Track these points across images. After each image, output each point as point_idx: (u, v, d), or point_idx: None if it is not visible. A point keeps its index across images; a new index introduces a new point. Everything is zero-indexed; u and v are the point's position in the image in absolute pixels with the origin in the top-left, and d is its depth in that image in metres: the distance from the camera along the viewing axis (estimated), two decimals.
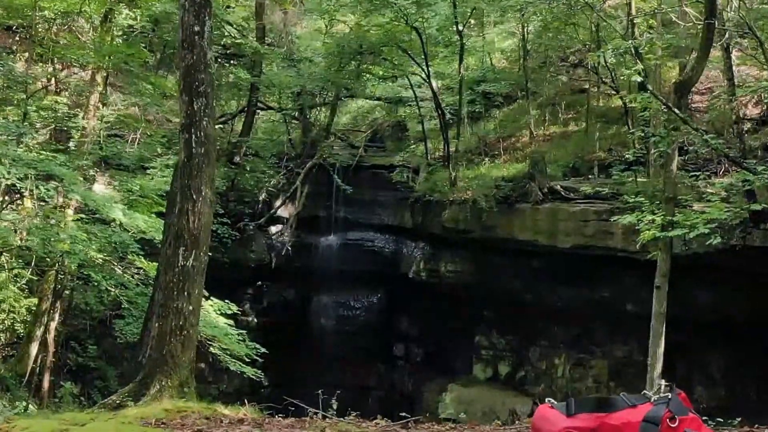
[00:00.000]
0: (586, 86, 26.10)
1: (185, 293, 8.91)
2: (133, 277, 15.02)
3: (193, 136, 9.23)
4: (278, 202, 23.32)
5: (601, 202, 18.74)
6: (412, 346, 24.41)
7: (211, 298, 13.62)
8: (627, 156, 19.78)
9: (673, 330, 13.93)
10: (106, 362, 19.72)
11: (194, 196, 9.06)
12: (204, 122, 9.33)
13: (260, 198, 22.67)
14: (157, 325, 9.53)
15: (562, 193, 19.49)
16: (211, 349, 12.37)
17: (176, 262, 8.98)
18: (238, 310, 14.12)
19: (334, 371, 23.16)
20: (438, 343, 23.69)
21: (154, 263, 13.06)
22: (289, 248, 23.05)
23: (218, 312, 13.53)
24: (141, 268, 14.92)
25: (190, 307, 8.89)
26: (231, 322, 13.39)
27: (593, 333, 20.51)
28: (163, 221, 12.64)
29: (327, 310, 24.66)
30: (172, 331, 8.79)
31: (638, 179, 17.92)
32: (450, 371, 22.87)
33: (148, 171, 17.00)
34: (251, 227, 22.30)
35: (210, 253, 9.80)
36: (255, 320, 23.83)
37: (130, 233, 14.35)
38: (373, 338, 24.19)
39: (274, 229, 24.24)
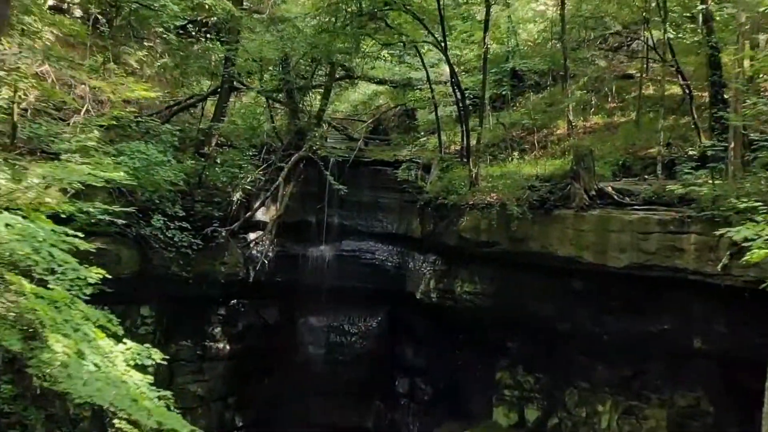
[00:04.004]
0: (631, 71, 22.71)
1: None
2: None
3: None
4: (257, 204, 19.46)
5: (666, 210, 15.30)
6: (419, 381, 21.58)
7: (126, 340, 9.71)
8: (693, 152, 16.49)
9: None
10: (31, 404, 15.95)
11: None
12: None
13: (234, 198, 19.07)
14: None
15: (615, 196, 15.98)
16: (116, 423, 8.55)
17: None
18: (163, 360, 9.99)
19: (324, 410, 21.03)
20: (450, 378, 20.69)
21: None
22: (266, 261, 19.42)
23: (131, 362, 9.62)
24: None
25: None
26: (150, 378, 9.37)
27: (649, 375, 17.03)
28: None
29: (316, 336, 21.71)
30: None
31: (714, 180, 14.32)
32: (464, 414, 20.04)
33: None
34: (222, 234, 18.49)
35: None
36: (227, 347, 20.79)
37: None
38: (372, 370, 21.52)
39: (252, 236, 20.76)
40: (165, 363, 18.37)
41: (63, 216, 12.50)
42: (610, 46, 25.47)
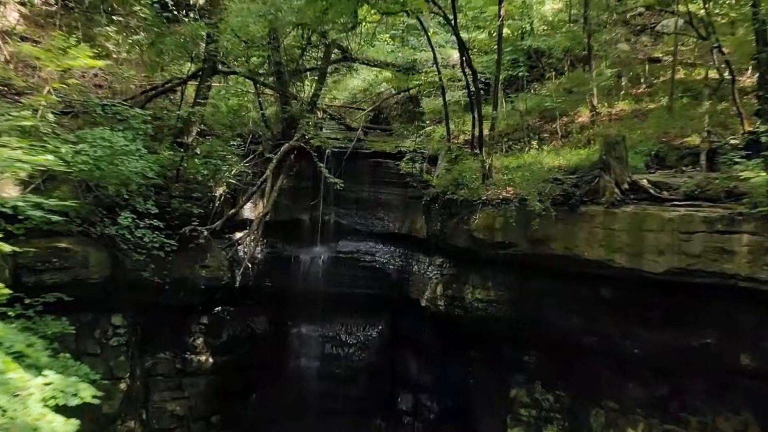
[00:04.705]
0: (658, 54, 20.76)
1: None
2: None
3: None
4: (243, 200, 17.50)
5: (711, 206, 13.29)
6: (424, 397, 19.87)
7: (47, 372, 7.58)
8: (735, 140, 14.62)
9: None
10: None
11: None
12: None
13: (217, 193, 16.99)
14: None
15: (651, 190, 14.01)
16: None
17: None
18: (94, 398, 7.80)
19: (319, 430, 19.33)
20: (459, 395, 18.86)
21: None
22: (251, 264, 17.46)
23: (51, 402, 7.47)
24: None
25: None
26: (75, 424, 7.19)
27: (688, 395, 14.97)
28: None
29: (310, 347, 20.11)
30: None
31: None
32: None
33: None
34: (203, 234, 16.47)
35: None
36: (210, 360, 19.03)
37: None
38: (371, 386, 20.03)
39: (239, 236, 18.90)
40: (139, 382, 16.62)
41: (9, 212, 10.74)
42: (633, 28, 23.56)
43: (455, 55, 24.30)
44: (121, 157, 13.96)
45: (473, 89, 16.29)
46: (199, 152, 17.31)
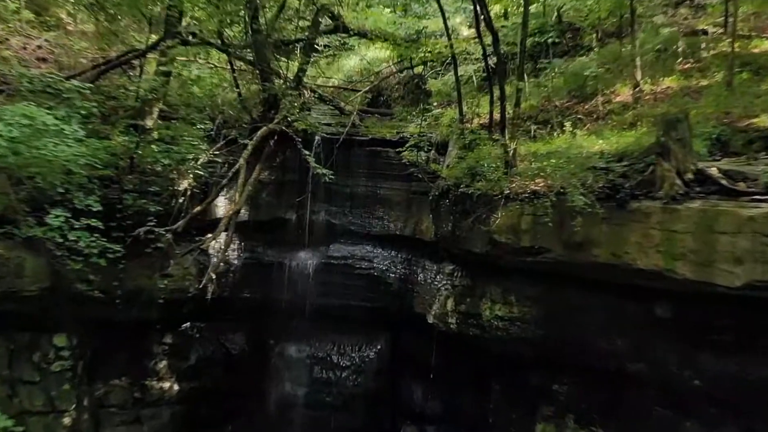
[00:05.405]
0: (703, 26, 18.24)
1: None
2: None
3: None
4: (213, 195, 14.72)
5: None
6: (431, 430, 17.19)
7: None
8: None
9: None
10: None
11: None
12: None
13: (181, 188, 14.16)
14: None
15: (724, 182, 11.07)
16: None
17: None
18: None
19: None
20: (473, 428, 16.12)
21: None
22: (213, 275, 15.00)
23: None
24: None
25: None
26: None
27: None
28: None
29: (296, 370, 17.66)
30: None
31: None
32: None
33: None
34: (163, 236, 13.66)
35: None
36: (175, 387, 16.57)
37: None
38: (369, 415, 17.65)
39: (215, 240, 15.89)
40: (87, 414, 14.32)
41: None
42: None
43: (465, 32, 21.60)
44: (49, 140, 11.10)
45: (494, 59, 13.38)
46: (159, 138, 14.45)
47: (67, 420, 14.52)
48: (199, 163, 14.64)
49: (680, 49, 17.21)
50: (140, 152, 13.99)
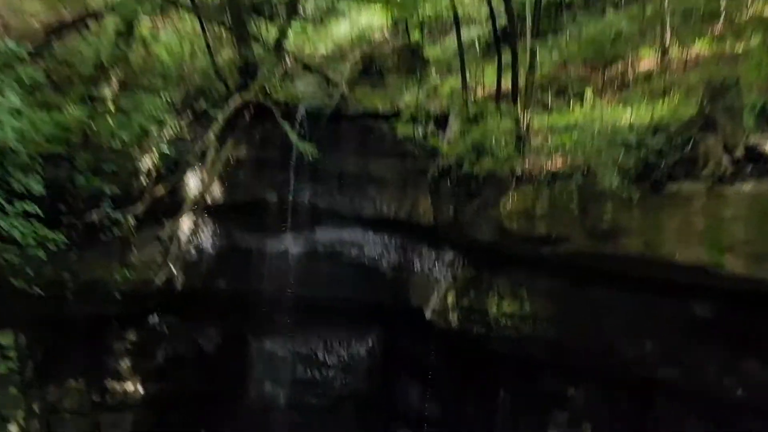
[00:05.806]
0: None
1: None
2: None
3: None
4: (178, 174, 13.11)
5: None
6: None
7: None
8: None
9: None
10: None
11: None
12: None
13: (143, 167, 12.45)
14: None
15: None
16: None
17: None
18: None
19: None
20: None
21: None
22: (172, 265, 13.53)
23: None
24: None
25: None
26: None
27: None
28: None
29: (277, 368, 16.36)
30: None
31: None
32: None
33: None
34: (121, 221, 12.00)
35: None
36: (140, 389, 15.21)
37: None
38: (359, 419, 16.54)
39: (185, 224, 14.72)
40: (38, 421, 12.81)
41: None
42: None
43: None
44: None
45: (509, 13, 11.67)
46: (118, 109, 12.77)
47: (13, 428, 13.29)
48: (164, 138, 12.95)
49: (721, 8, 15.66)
50: (95, 126, 12.28)
